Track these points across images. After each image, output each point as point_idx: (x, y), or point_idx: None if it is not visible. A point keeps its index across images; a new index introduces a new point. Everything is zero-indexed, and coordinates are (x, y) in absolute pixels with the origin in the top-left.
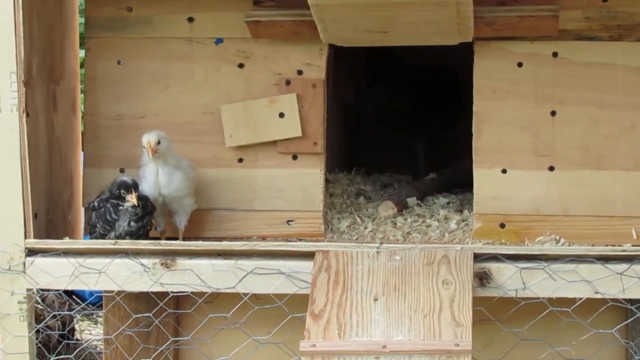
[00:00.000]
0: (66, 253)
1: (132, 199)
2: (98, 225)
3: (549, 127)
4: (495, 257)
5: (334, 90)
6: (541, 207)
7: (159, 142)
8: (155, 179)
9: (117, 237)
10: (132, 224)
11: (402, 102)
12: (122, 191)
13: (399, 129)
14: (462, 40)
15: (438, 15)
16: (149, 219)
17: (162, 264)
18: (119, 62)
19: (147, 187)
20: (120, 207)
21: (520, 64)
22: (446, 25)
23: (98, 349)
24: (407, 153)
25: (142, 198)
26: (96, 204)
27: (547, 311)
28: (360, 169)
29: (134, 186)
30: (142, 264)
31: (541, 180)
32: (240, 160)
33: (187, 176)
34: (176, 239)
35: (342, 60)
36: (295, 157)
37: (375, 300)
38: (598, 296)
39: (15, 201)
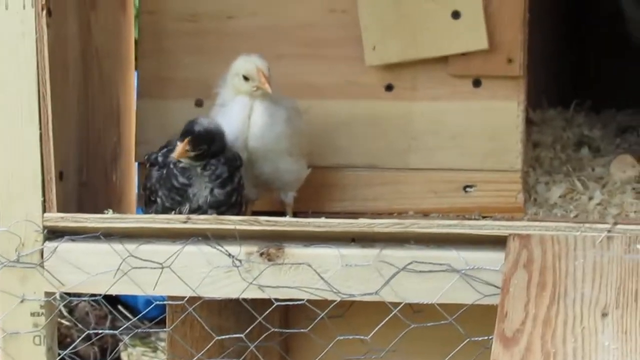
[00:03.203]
0: (108, 235)
1: (176, 150)
2: (161, 195)
3: None
4: None
5: None
6: None
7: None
8: (243, 117)
9: (195, 212)
10: (217, 191)
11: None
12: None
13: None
14: None
15: None
16: (240, 178)
17: (261, 254)
18: None
19: (229, 131)
20: (186, 167)
21: None
22: None
23: None
24: None
25: (219, 149)
26: (159, 157)
27: None
28: (583, 102)
29: (189, 132)
30: (229, 255)
31: None
32: (389, 87)
33: (290, 121)
34: (281, 214)
35: None
36: (477, 83)
37: (604, 315)
38: None
39: (30, 152)
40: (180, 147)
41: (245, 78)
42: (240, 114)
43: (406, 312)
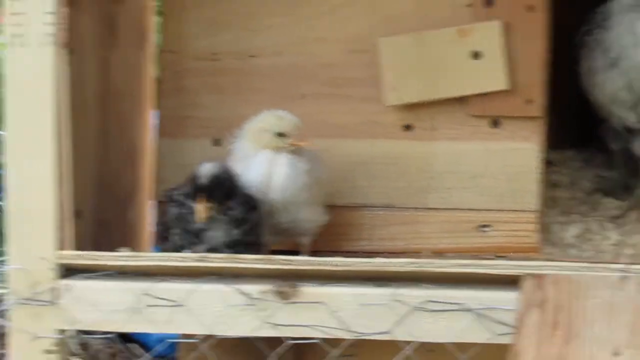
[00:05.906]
0: (123, 273)
1: (199, 213)
2: (176, 233)
3: None
4: None
5: (562, 16)
6: None
7: None
8: (266, 171)
9: (210, 252)
10: (233, 231)
11: None
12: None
13: None
14: None
15: None
16: (257, 217)
17: (276, 292)
18: None
19: (251, 184)
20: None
21: None
22: None
23: None
24: None
25: (232, 186)
26: (182, 197)
27: None
28: (602, 143)
29: (202, 187)
30: (243, 293)
31: None
32: (408, 127)
33: (311, 172)
34: (296, 253)
35: None
36: (496, 124)
37: (617, 354)
38: None
39: (46, 190)
40: (199, 208)
41: (280, 135)
42: (263, 167)
43: (419, 352)
